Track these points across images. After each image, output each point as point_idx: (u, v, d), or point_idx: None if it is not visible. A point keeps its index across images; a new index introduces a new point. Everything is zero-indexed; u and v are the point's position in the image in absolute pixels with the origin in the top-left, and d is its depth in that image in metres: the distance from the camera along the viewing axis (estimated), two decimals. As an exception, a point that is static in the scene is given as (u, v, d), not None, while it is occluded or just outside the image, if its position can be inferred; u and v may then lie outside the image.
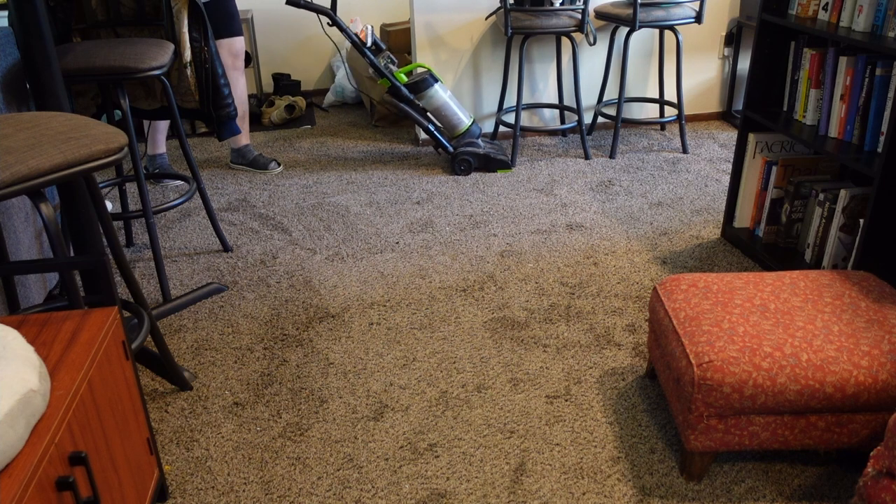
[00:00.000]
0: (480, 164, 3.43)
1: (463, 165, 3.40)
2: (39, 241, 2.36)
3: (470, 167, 3.41)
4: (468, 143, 3.43)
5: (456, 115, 3.41)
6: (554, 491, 1.65)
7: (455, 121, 3.41)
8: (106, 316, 1.39)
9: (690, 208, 3.05)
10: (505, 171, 3.42)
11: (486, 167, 3.44)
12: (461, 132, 3.43)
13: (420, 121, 3.39)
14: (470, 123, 3.44)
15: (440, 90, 3.37)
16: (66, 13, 2.44)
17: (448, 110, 3.40)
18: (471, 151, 3.39)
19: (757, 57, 2.52)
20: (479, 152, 3.40)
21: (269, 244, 2.84)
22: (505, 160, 3.43)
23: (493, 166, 3.44)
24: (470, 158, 3.40)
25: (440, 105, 3.38)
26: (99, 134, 1.50)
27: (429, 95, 3.36)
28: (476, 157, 3.41)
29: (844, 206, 2.23)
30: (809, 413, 1.58)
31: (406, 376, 2.06)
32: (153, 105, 2.72)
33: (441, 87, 3.38)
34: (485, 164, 3.43)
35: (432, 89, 3.36)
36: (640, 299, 2.39)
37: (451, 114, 3.41)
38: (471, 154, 3.40)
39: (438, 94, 3.37)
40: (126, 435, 1.42)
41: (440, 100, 3.37)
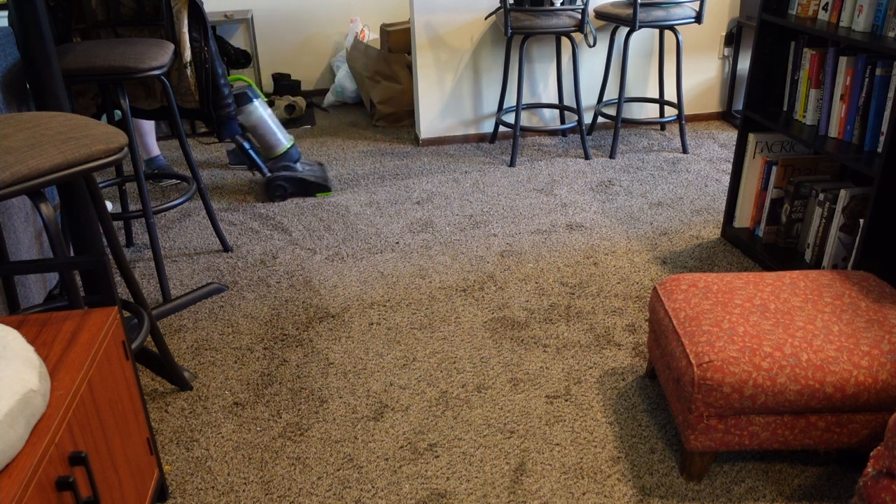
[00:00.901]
0: (297, 188, 3.22)
1: (278, 192, 3.19)
2: (39, 241, 2.36)
3: (286, 192, 3.21)
4: (284, 167, 3.24)
5: (274, 136, 3.21)
6: (554, 491, 1.65)
7: (272, 141, 3.21)
8: (106, 316, 1.39)
9: (690, 208, 3.05)
10: (324, 195, 3.22)
11: (304, 192, 3.23)
12: (279, 154, 3.22)
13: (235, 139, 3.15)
14: (289, 146, 3.24)
15: (259, 107, 3.17)
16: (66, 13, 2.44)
17: (266, 129, 3.19)
18: (286, 176, 3.19)
19: (757, 57, 2.52)
20: (295, 176, 3.19)
21: (269, 244, 2.84)
22: (323, 183, 3.22)
23: (311, 190, 3.23)
24: (285, 184, 3.19)
25: (257, 123, 3.17)
26: (99, 134, 1.50)
27: (247, 111, 3.14)
28: (292, 182, 3.20)
29: (844, 206, 2.23)
30: (809, 413, 1.58)
31: (406, 376, 2.06)
32: (153, 105, 2.72)
33: (261, 104, 3.18)
34: (302, 188, 3.22)
35: (251, 105, 3.14)
36: (640, 299, 2.39)
37: (268, 133, 3.19)
38: (286, 179, 3.19)
39: (257, 111, 3.16)
40: (126, 435, 1.42)
41: (258, 117, 3.16)
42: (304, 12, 4.69)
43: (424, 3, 3.58)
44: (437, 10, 3.61)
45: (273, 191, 3.19)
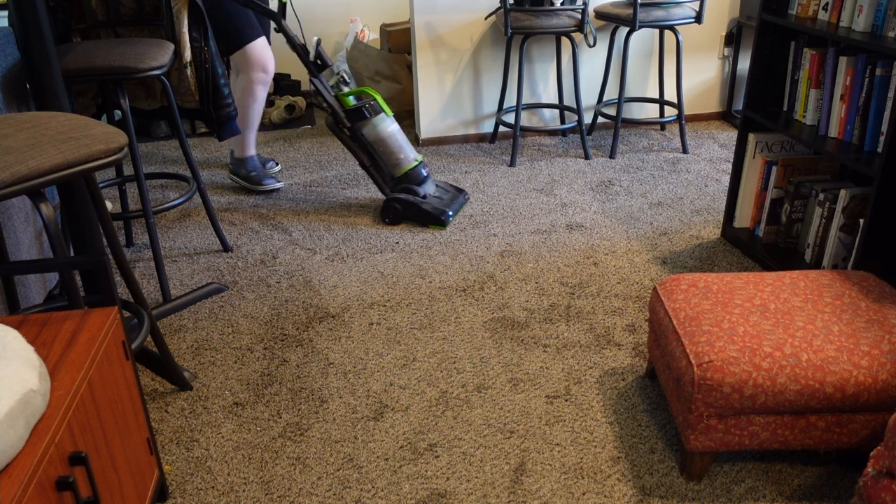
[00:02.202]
0: (411, 214, 2.93)
1: (389, 214, 2.94)
2: (39, 241, 2.36)
3: (398, 217, 2.94)
4: (405, 189, 2.96)
5: (395, 154, 2.96)
6: (554, 491, 1.65)
7: (395, 159, 2.97)
8: (106, 316, 1.39)
9: (690, 208, 3.05)
10: (437, 228, 2.92)
11: (416, 218, 2.94)
12: (403, 172, 2.97)
13: (357, 153, 2.97)
14: (412, 165, 2.98)
15: (385, 120, 2.95)
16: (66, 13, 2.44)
17: (389, 146, 2.95)
18: (402, 199, 2.91)
19: (757, 57, 2.52)
20: (410, 200, 2.91)
21: (269, 244, 2.84)
22: (437, 216, 2.89)
23: (423, 219, 2.93)
24: (399, 206, 2.92)
25: (383, 138, 2.94)
26: (99, 134, 1.50)
27: (371, 124, 2.94)
28: (406, 206, 2.92)
29: (844, 206, 2.23)
30: (809, 413, 1.58)
31: (406, 376, 2.06)
32: (153, 105, 2.72)
33: (387, 118, 2.96)
34: (416, 214, 2.93)
35: (377, 118, 2.94)
36: (640, 299, 2.39)
37: (394, 149, 2.95)
38: (400, 202, 2.91)
39: (383, 124, 2.95)
40: (126, 435, 1.42)
41: (384, 132, 2.94)
42: (304, 12, 4.69)
43: (424, 3, 3.58)
44: (437, 10, 3.61)
45: (384, 212, 2.95)
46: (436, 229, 2.92)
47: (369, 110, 2.94)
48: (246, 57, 3.05)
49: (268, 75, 3.11)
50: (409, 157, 2.99)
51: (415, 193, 2.96)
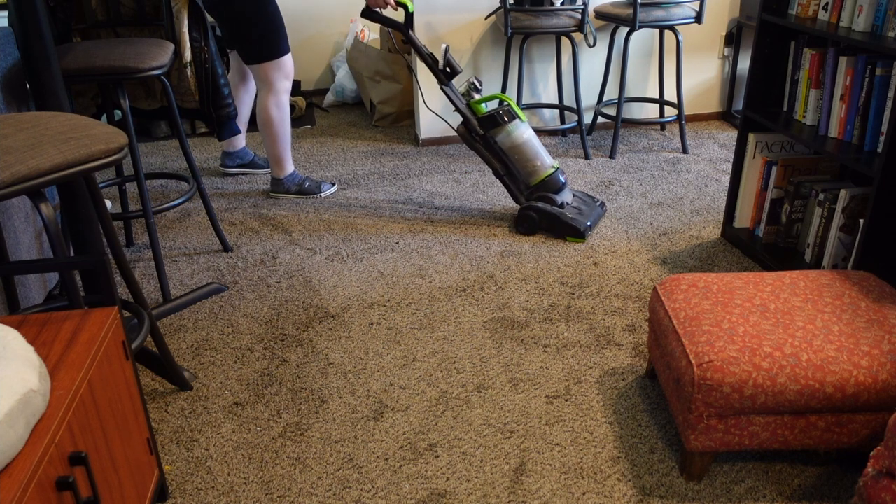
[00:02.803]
0: (547, 224, 2.81)
1: (525, 223, 2.83)
2: (39, 241, 2.36)
3: (533, 227, 2.82)
4: (542, 197, 2.84)
5: (531, 161, 2.85)
6: (554, 491, 1.65)
7: (530, 167, 2.85)
8: (106, 316, 1.39)
9: (690, 208, 3.05)
10: (575, 241, 2.79)
11: (553, 229, 2.82)
12: (539, 180, 2.85)
13: (491, 161, 2.88)
14: (551, 171, 2.85)
15: (520, 127, 2.85)
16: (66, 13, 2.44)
17: (526, 151, 2.84)
18: (538, 207, 2.80)
19: (757, 57, 2.52)
20: (548, 211, 2.79)
21: (269, 244, 2.84)
22: (576, 227, 2.76)
23: (561, 231, 2.80)
24: (534, 215, 2.80)
25: (517, 145, 2.84)
26: (99, 134, 1.50)
27: (506, 132, 2.83)
28: (543, 216, 2.80)
29: (844, 206, 2.23)
30: (809, 413, 1.58)
31: (406, 376, 2.06)
32: (153, 105, 2.72)
33: (522, 125, 2.85)
34: (552, 225, 2.81)
35: (510, 125, 2.83)
36: (640, 299, 2.39)
37: (529, 156, 2.84)
38: (536, 210, 2.80)
39: (518, 130, 2.84)
40: (126, 435, 1.42)
41: (518, 138, 2.83)
42: (304, 12, 4.69)
43: (424, 3, 3.58)
44: (437, 10, 3.61)
45: (520, 221, 2.84)
46: (574, 242, 2.80)
47: (503, 117, 2.83)
48: (279, 67, 2.98)
49: (290, 83, 3.09)
50: (546, 164, 2.87)
51: (552, 202, 2.84)
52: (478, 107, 2.89)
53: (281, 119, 3.08)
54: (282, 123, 3.09)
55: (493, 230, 2.89)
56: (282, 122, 3.09)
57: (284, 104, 3.07)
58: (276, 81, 3.00)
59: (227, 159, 3.47)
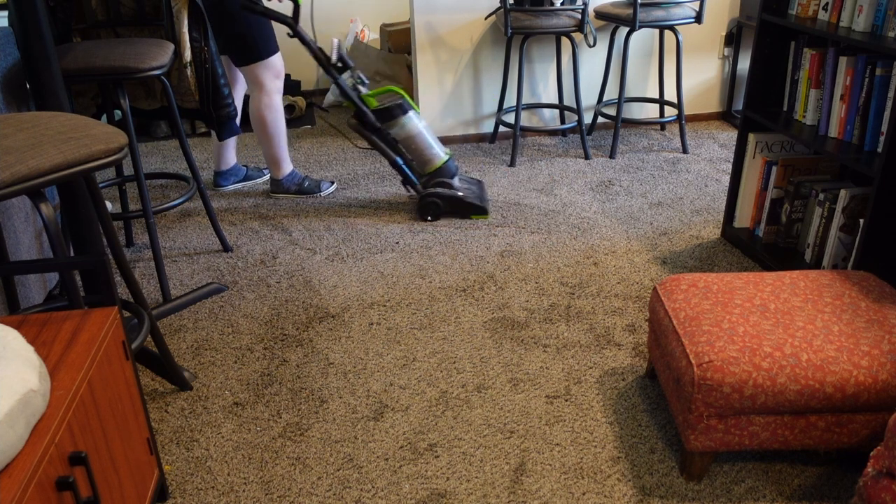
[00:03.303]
0: (451, 207, 2.96)
1: (430, 209, 2.95)
2: (39, 241, 2.36)
3: (438, 211, 2.96)
4: (439, 183, 2.98)
5: (428, 150, 2.96)
6: (554, 491, 1.65)
7: (427, 155, 2.97)
8: (106, 316, 1.39)
9: (690, 208, 3.05)
10: (480, 218, 2.96)
11: (457, 211, 2.98)
12: (434, 168, 2.98)
13: (387, 153, 2.96)
14: (445, 159, 2.99)
15: (414, 119, 2.95)
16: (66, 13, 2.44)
17: (420, 142, 2.95)
18: (440, 193, 2.94)
19: (757, 57, 2.52)
20: (450, 194, 2.95)
21: (269, 244, 2.84)
22: (480, 205, 2.96)
23: (465, 210, 2.97)
24: (438, 201, 2.94)
25: (412, 135, 2.94)
26: (99, 134, 1.50)
27: (400, 124, 2.92)
28: (446, 200, 2.95)
29: (844, 206, 2.23)
30: (809, 413, 1.58)
31: (406, 376, 2.06)
32: (153, 105, 2.72)
33: (415, 116, 2.96)
34: (456, 207, 2.96)
35: (405, 117, 2.92)
36: (640, 299, 2.39)
37: (424, 147, 2.96)
38: (439, 196, 2.94)
39: (412, 122, 2.94)
40: (126, 435, 1.42)
41: (413, 129, 2.93)
42: (304, 12, 4.69)
43: (424, 3, 3.58)
44: (437, 10, 3.61)
45: (425, 208, 2.96)
46: (479, 219, 2.96)
47: (398, 109, 2.91)
48: (268, 67, 2.98)
49: (281, 82, 3.08)
50: (441, 153, 3.00)
51: (451, 187, 2.97)
52: (370, 100, 2.95)
53: (274, 120, 3.07)
54: (276, 124, 3.08)
55: (493, 230, 2.89)
56: (276, 122, 3.08)
57: (277, 104, 3.06)
58: (266, 81, 3.00)
59: (221, 178, 3.37)
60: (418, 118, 2.98)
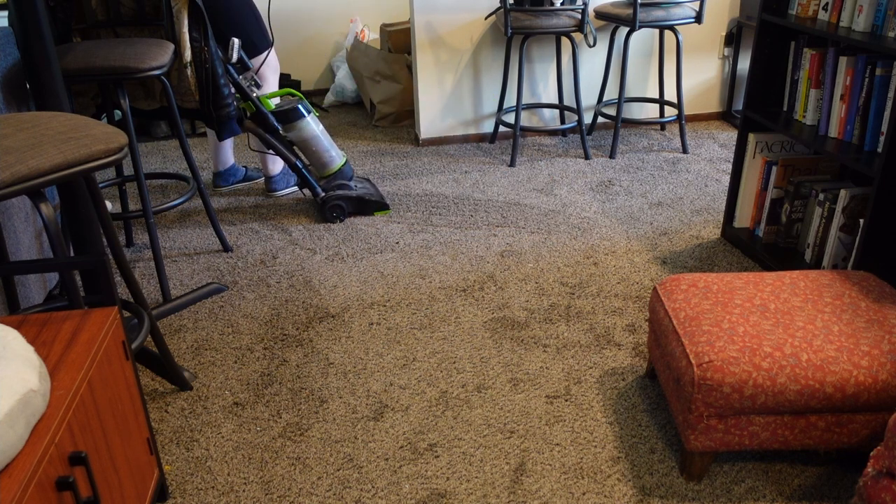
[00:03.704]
0: (354, 207, 3.04)
1: (335, 212, 3.00)
2: (39, 241, 2.36)
3: (343, 212, 3.01)
4: (339, 185, 3.05)
5: (327, 153, 3.03)
6: (554, 491, 1.65)
7: (325, 158, 3.03)
8: (106, 316, 1.39)
9: (690, 208, 3.05)
10: (383, 213, 3.06)
11: (361, 210, 3.06)
12: (332, 172, 3.04)
13: (286, 155, 2.96)
14: (342, 163, 3.07)
15: (312, 122, 2.99)
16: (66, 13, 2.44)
17: (319, 145, 3.00)
18: (342, 195, 3.00)
19: (757, 57, 2.52)
20: (352, 195, 3.01)
21: (269, 244, 2.84)
22: (381, 201, 3.05)
23: (369, 209, 3.05)
24: (342, 203, 3.00)
25: (309, 138, 2.98)
26: (99, 134, 1.50)
27: (298, 127, 2.96)
28: (349, 201, 3.02)
29: (844, 206, 2.23)
30: (809, 413, 1.58)
31: (406, 376, 2.06)
32: (153, 105, 2.72)
33: (313, 120, 3.00)
34: (360, 207, 3.04)
35: (303, 121, 2.96)
36: (640, 299, 2.39)
37: (321, 150, 3.01)
38: (342, 198, 3.00)
39: (309, 126, 2.97)
40: (126, 435, 1.42)
41: (310, 132, 2.98)
42: (304, 12, 4.69)
43: (424, 3, 3.58)
44: (437, 10, 3.61)
45: (331, 211, 3.00)
46: (382, 214, 3.06)
47: (296, 112, 2.95)
48: (265, 62, 3.00)
49: (277, 77, 3.09)
50: (338, 156, 3.06)
51: (348, 188, 3.06)
52: (266, 101, 2.96)
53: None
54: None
55: (493, 230, 2.89)
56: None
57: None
58: (265, 75, 3.02)
59: (220, 179, 3.37)
60: (316, 122, 3.01)
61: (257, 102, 2.90)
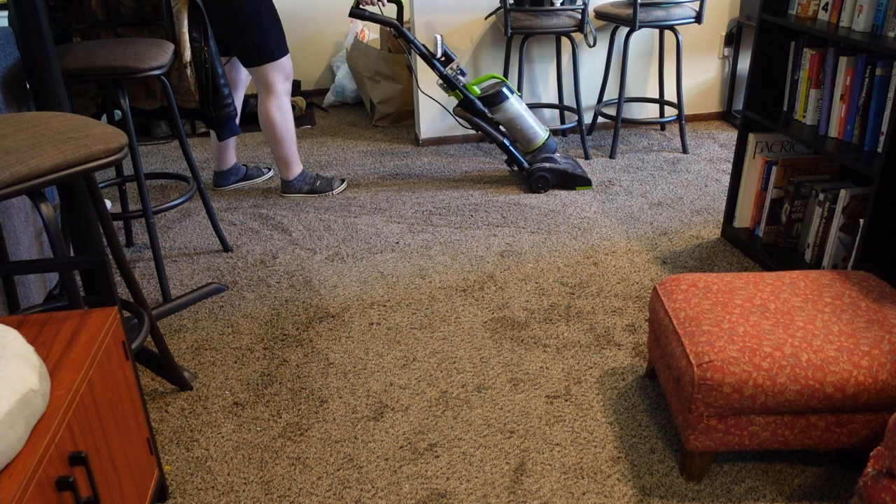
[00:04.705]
0: (558, 180, 3.20)
1: (541, 182, 3.17)
2: (39, 241, 2.36)
3: (548, 184, 3.18)
4: (545, 159, 3.20)
5: (532, 129, 3.19)
6: (554, 491, 1.65)
7: (530, 134, 3.19)
8: (106, 316, 1.39)
9: (690, 208, 3.05)
10: (585, 188, 3.21)
11: (563, 184, 3.21)
12: (537, 146, 3.21)
13: (494, 135, 3.17)
14: (546, 137, 3.21)
15: (515, 102, 3.16)
16: (66, 13, 2.44)
17: (523, 123, 3.17)
18: (548, 168, 3.16)
19: (757, 57, 2.52)
20: (558, 168, 3.17)
21: (269, 244, 2.84)
22: (584, 176, 3.20)
23: (571, 183, 3.21)
24: (547, 175, 3.16)
25: (514, 117, 3.16)
26: (99, 134, 1.50)
27: (503, 108, 3.15)
28: (553, 174, 3.17)
29: (844, 206, 2.23)
30: (809, 413, 1.58)
31: (406, 376, 2.06)
32: (153, 105, 2.72)
33: (517, 100, 3.17)
34: (563, 180, 3.20)
35: (507, 102, 3.14)
36: (640, 299, 2.39)
37: (526, 127, 3.18)
38: (548, 171, 3.16)
39: (513, 106, 3.15)
40: (126, 435, 1.42)
41: (514, 112, 3.16)
42: (304, 12, 4.69)
43: (424, 3, 3.58)
44: (437, 10, 3.61)
45: (536, 182, 3.17)
46: (584, 189, 3.23)
47: (499, 95, 3.13)
48: (280, 68, 2.98)
49: (290, 83, 3.07)
50: (542, 132, 3.22)
51: (555, 161, 3.21)
52: (472, 88, 3.17)
53: (284, 121, 3.07)
54: (285, 125, 3.08)
55: (493, 230, 2.89)
56: (285, 123, 3.08)
57: (286, 106, 3.06)
58: (276, 83, 2.99)
59: (221, 178, 3.36)
60: (519, 101, 3.18)
61: (464, 90, 3.13)
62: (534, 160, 3.21)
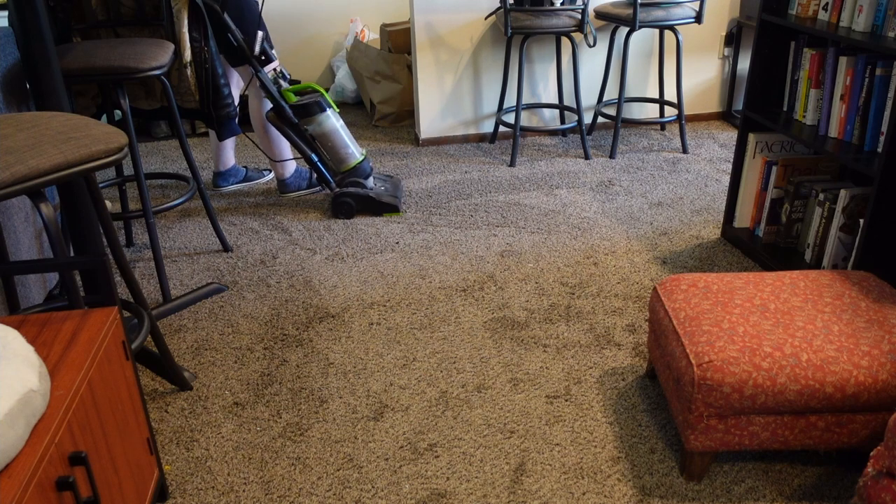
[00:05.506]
0: (364, 206, 3.03)
1: (344, 208, 3.00)
2: (39, 241, 2.36)
3: (352, 210, 3.01)
4: (352, 183, 3.03)
5: (346, 148, 3.02)
6: (554, 491, 1.65)
7: (343, 154, 3.02)
8: (106, 316, 1.39)
9: (690, 208, 3.05)
10: (393, 216, 3.03)
11: (370, 210, 3.04)
12: (349, 167, 3.03)
13: (303, 149, 2.99)
14: (360, 159, 3.05)
15: (332, 117, 3.00)
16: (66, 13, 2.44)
17: (337, 140, 3.00)
18: (352, 193, 2.99)
19: (757, 57, 2.52)
20: (362, 194, 3.00)
21: (269, 244, 2.84)
22: (394, 203, 3.02)
23: (378, 209, 3.03)
24: (351, 201, 2.99)
25: (328, 132, 2.99)
26: (99, 134, 1.50)
27: (318, 121, 2.97)
28: (359, 200, 3.00)
29: (844, 206, 2.23)
30: (809, 413, 1.58)
31: (406, 376, 2.06)
32: (153, 105, 2.72)
33: (333, 115, 3.01)
34: (369, 206, 3.03)
35: (323, 115, 2.97)
36: (640, 299, 2.39)
37: (340, 145, 3.01)
38: (352, 196, 2.99)
39: (329, 120, 2.98)
40: (126, 435, 1.42)
41: (330, 127, 2.98)
42: (304, 12, 4.69)
43: (424, 3, 3.58)
44: (437, 10, 3.61)
45: (338, 207, 3.01)
46: (391, 216, 3.03)
47: (315, 106, 2.96)
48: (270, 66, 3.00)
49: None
50: (356, 153, 3.06)
51: (363, 186, 3.05)
52: (289, 95, 2.98)
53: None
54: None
55: (493, 230, 2.89)
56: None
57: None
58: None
59: (220, 179, 3.36)
60: (336, 117, 3.02)
61: (276, 94, 2.93)
62: (343, 182, 3.05)
